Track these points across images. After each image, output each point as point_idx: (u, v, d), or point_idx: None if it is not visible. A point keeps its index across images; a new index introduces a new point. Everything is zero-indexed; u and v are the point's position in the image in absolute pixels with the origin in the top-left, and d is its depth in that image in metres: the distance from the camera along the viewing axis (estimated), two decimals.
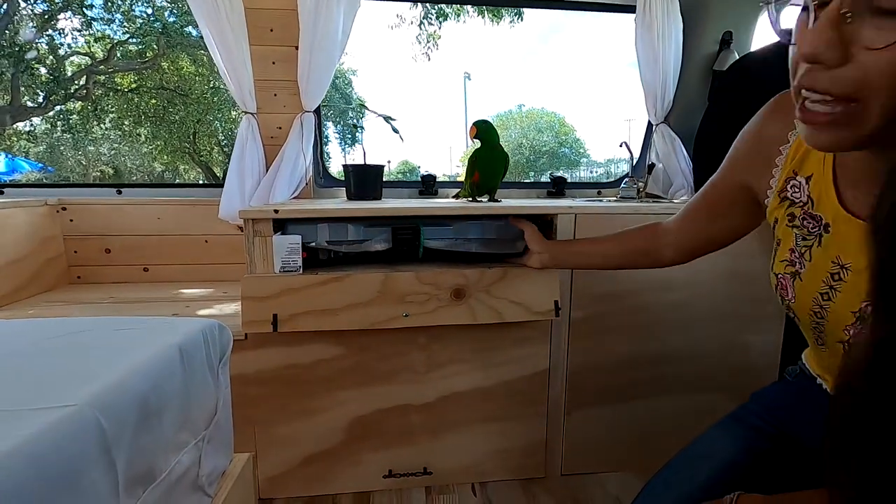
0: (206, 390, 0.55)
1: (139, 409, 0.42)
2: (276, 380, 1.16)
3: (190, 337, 0.54)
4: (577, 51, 44.58)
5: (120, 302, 1.38)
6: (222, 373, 0.61)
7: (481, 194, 1.43)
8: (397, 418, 1.21)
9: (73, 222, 1.57)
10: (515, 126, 21.69)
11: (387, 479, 1.23)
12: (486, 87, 40.10)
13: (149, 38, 9.07)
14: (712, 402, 1.31)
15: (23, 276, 1.41)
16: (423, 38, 8.82)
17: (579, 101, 39.24)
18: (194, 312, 1.27)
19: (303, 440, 1.19)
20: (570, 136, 22.17)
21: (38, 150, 11.61)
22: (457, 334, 1.19)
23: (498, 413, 1.25)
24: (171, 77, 10.06)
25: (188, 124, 10.71)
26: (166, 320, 0.59)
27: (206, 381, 0.56)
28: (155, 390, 0.45)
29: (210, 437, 0.56)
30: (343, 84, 14.01)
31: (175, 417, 0.48)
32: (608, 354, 1.27)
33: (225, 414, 0.61)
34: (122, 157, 12.69)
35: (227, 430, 0.62)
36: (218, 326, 0.61)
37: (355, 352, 1.17)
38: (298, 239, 1.13)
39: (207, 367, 0.57)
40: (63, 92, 9.56)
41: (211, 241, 1.63)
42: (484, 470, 1.27)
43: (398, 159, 22.83)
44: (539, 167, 20.22)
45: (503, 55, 45.25)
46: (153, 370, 0.46)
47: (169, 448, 0.48)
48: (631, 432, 1.31)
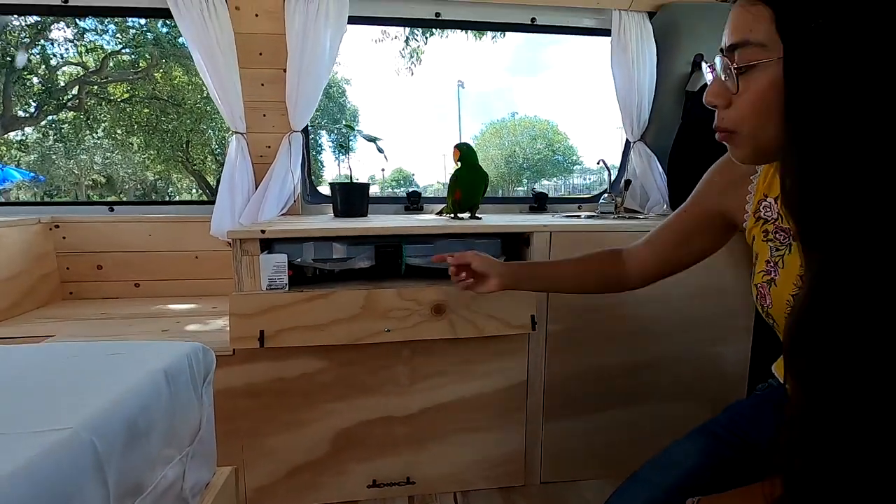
0: (190, 409, 0.60)
1: (128, 430, 0.47)
2: (264, 393, 1.20)
3: (175, 361, 0.58)
4: (567, 60, 45.01)
5: (111, 318, 1.41)
6: (206, 392, 0.65)
7: (463, 211, 1.49)
8: (381, 429, 1.26)
9: (66, 239, 1.60)
10: (509, 134, 21.85)
11: (371, 488, 1.27)
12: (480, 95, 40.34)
13: (141, 48, 9.11)
14: (685, 410, 1.36)
15: (17, 293, 1.44)
16: (406, 52, 8.93)
17: (573, 108, 39.56)
18: (183, 328, 1.31)
19: (289, 451, 1.23)
20: (563, 144, 22.35)
21: (30, 160, 11.57)
22: (439, 348, 1.24)
23: (478, 423, 1.29)
24: (163, 87, 10.09)
25: (181, 133, 10.73)
26: (154, 345, 0.63)
27: (190, 401, 0.60)
28: (143, 412, 0.49)
29: (194, 452, 0.60)
30: (337, 94, 14.11)
31: (161, 435, 0.53)
32: (584, 366, 1.32)
33: (208, 430, 0.65)
34: (115, 167, 12.67)
35: (211, 445, 0.67)
36: (202, 349, 0.65)
37: (341, 365, 1.22)
38: (284, 258, 1.18)
39: (192, 388, 0.61)
40: (55, 102, 9.56)
41: (201, 257, 1.67)
42: (465, 479, 1.32)
43: (392, 167, 22.93)
44: (532, 173, 20.35)
45: (495, 64, 45.58)
46: (141, 393, 0.50)
47: (155, 463, 0.52)
48: (607, 441, 1.36)
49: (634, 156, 1.80)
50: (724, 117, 0.54)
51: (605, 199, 1.75)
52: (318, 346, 1.18)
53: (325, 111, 13.16)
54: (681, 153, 1.64)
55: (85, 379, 0.52)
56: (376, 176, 19.82)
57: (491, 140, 21.51)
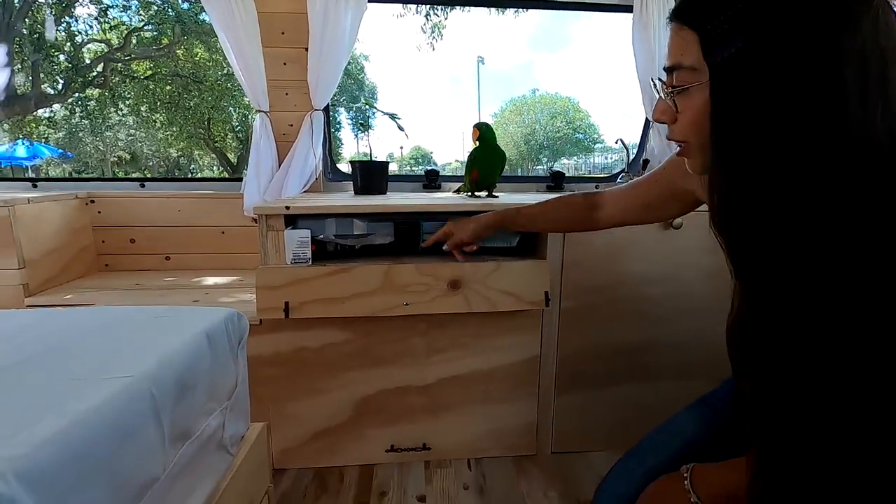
0: (228, 368, 0.66)
1: (178, 383, 0.53)
2: (289, 361, 1.27)
3: (215, 324, 0.64)
4: (591, 35, 43.68)
5: (146, 289, 1.50)
6: (240, 354, 0.71)
7: (480, 189, 1.52)
8: (399, 398, 1.32)
9: (101, 214, 1.69)
10: (529, 111, 21.51)
11: (389, 453, 1.35)
12: (500, 70, 39.55)
13: (164, 24, 9.17)
14: (691, 387, 1.36)
15: (59, 265, 1.53)
16: (427, 28, 8.81)
17: (594, 86, 38.58)
18: (215, 300, 1.38)
19: (312, 417, 1.31)
20: (585, 122, 21.92)
21: (58, 137, 11.86)
22: (455, 322, 1.29)
23: (492, 395, 1.35)
24: (185, 64, 10.17)
25: (202, 110, 10.84)
26: (195, 310, 0.69)
27: (227, 361, 0.66)
28: (190, 368, 0.55)
29: (231, 406, 0.67)
30: (356, 70, 14.03)
31: (205, 389, 0.59)
32: (596, 342, 1.35)
33: (243, 388, 0.71)
34: (139, 144, 12.93)
35: (245, 401, 0.73)
36: (237, 315, 0.71)
37: (361, 337, 1.28)
38: (308, 233, 1.23)
39: (229, 349, 0.67)
40: (81, 79, 9.73)
41: (227, 233, 1.74)
42: (479, 447, 1.38)
43: (411, 145, 22.86)
44: (552, 152, 20.07)
45: (516, 40, 44.52)
46: (188, 351, 0.56)
47: (200, 414, 0.58)
48: (616, 415, 1.40)
49: (654, 135, 1.79)
50: (673, 131, 0.57)
51: (622, 179, 1.76)
52: (340, 318, 1.24)
53: (344, 88, 13.13)
54: None
55: (139, 337, 0.58)
56: (395, 154, 19.81)
57: (511, 118, 21.20)
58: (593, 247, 1.30)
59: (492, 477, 1.32)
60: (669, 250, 1.33)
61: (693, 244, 1.33)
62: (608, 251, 1.31)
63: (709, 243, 1.33)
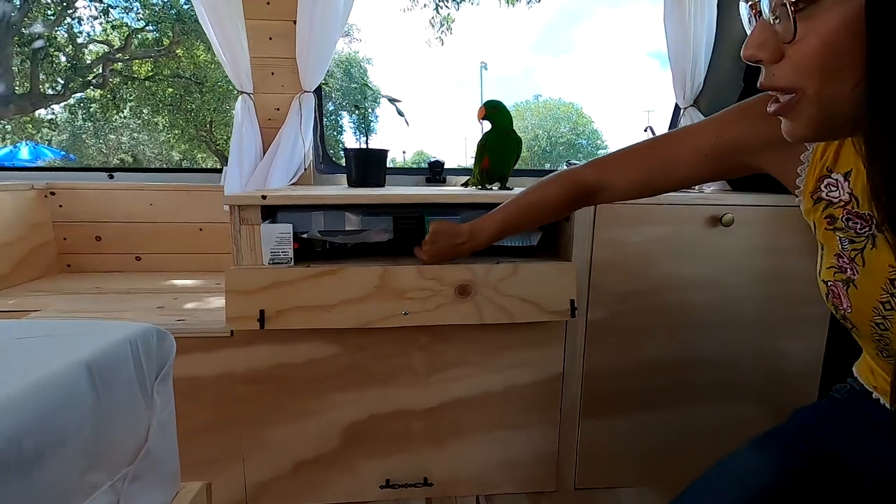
0: (131, 415, 0.44)
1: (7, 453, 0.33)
2: (266, 379, 1.07)
3: (108, 350, 0.42)
4: (594, 40, 43.74)
5: (105, 293, 1.30)
6: (160, 390, 0.50)
7: (492, 182, 1.32)
8: (396, 424, 1.12)
9: (63, 208, 1.49)
10: (532, 116, 21.45)
11: (384, 489, 1.14)
12: (503, 76, 39.62)
13: (164, 24, 9.08)
14: (743, 413, 1.19)
15: (8, 264, 1.34)
16: (436, 21, 8.65)
17: (597, 92, 38.54)
18: (181, 305, 1.19)
19: (294, 445, 1.11)
20: (588, 127, 21.84)
21: (61, 139, 11.80)
22: (462, 335, 1.08)
23: (506, 420, 1.14)
24: (186, 65, 10.09)
25: (204, 113, 10.76)
26: (84, 326, 0.48)
27: (132, 405, 0.45)
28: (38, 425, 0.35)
29: (136, 473, 0.45)
30: (359, 74, 13.93)
31: (76, 456, 0.38)
32: (629, 359, 1.15)
33: (162, 441, 0.50)
34: (142, 146, 12.84)
35: (167, 459, 0.52)
36: (156, 333, 0.50)
37: (351, 351, 1.08)
38: (289, 228, 1.04)
39: (137, 385, 0.46)
40: (80, 80, 9.65)
41: (206, 230, 1.55)
42: (490, 482, 1.17)
43: (413, 149, 22.77)
44: (554, 158, 19.95)
45: (520, 44, 44.64)
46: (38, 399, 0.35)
47: (68, 495, 0.38)
48: (651, 444, 1.20)
49: (686, 123, 1.59)
50: (776, 74, 0.40)
51: None
52: (327, 329, 1.04)
53: (347, 92, 13.01)
54: None
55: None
56: (397, 158, 19.69)
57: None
58: (627, 246, 1.10)
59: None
60: (717, 251, 1.13)
61: (745, 244, 1.13)
62: (644, 251, 1.11)
63: (764, 243, 1.13)
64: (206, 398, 1.05)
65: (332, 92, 12.57)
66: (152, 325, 0.51)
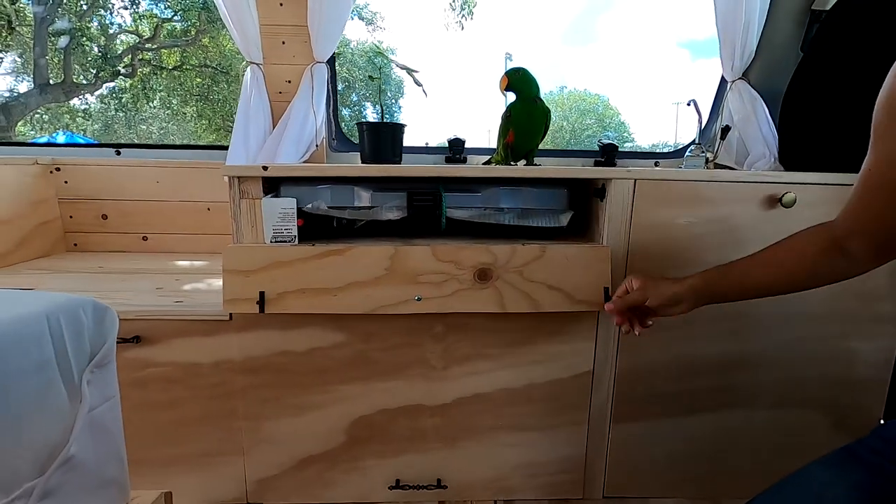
0: (41, 412, 0.35)
1: None
2: (267, 368, 0.98)
3: (9, 328, 0.33)
4: (623, 30, 42.64)
5: (107, 272, 1.23)
6: (96, 379, 0.40)
7: (517, 158, 1.20)
8: (407, 421, 1.02)
9: (68, 184, 1.44)
10: (556, 108, 21.07)
11: (393, 490, 1.05)
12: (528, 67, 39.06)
13: (191, 12, 9.15)
14: (800, 420, 1.05)
15: (11, 241, 1.29)
16: (456, 4, 8.42)
17: (625, 83, 37.60)
18: (181, 287, 1.11)
19: (297, 440, 1.02)
20: (615, 120, 21.33)
21: (95, 129, 12.09)
22: (481, 324, 0.98)
23: (528, 421, 1.03)
24: (213, 55, 10.18)
25: (230, 103, 10.86)
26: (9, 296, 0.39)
27: (43, 397, 0.35)
28: None
29: (48, 488, 0.36)
30: (383, 62, 13.84)
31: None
32: (667, 356, 1.02)
33: (94, 444, 0.39)
34: (171, 136, 13.06)
35: (102, 466, 0.42)
36: (92, 308, 0.40)
37: (359, 340, 0.98)
38: (293, 203, 0.95)
39: (56, 373, 0.37)
40: (111, 69, 9.84)
41: (214, 209, 1.47)
42: (509, 486, 1.07)
43: (436, 141, 22.66)
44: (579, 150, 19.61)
45: (545, 33, 43.88)
46: None
47: None
48: (691, 451, 1.07)
49: (733, 98, 1.44)
50: None
51: (691, 152, 1.41)
52: (332, 314, 0.94)
53: (370, 84, 12.92)
54: (801, 96, 1.27)
55: None
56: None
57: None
58: (668, 228, 0.97)
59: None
60: (773, 235, 0.97)
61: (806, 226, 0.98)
62: (688, 234, 0.98)
63: None
64: (203, 386, 0.98)
65: (356, 83, 12.57)
66: (90, 297, 0.41)
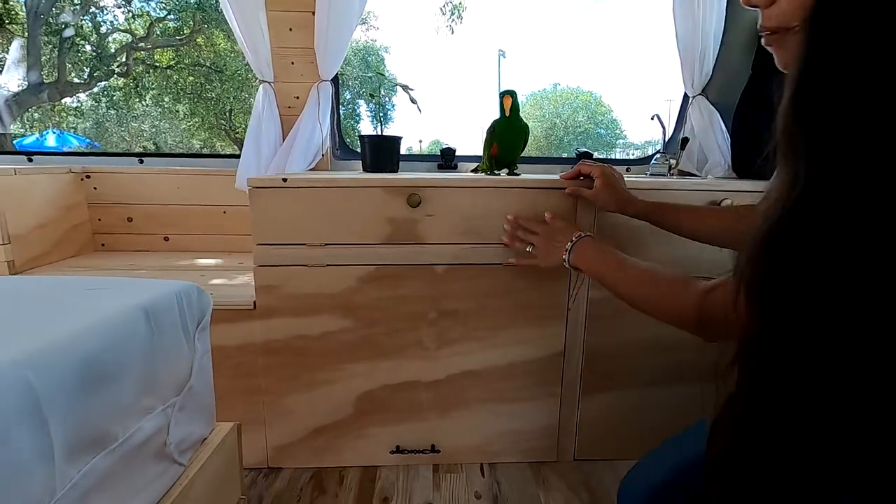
0: (178, 355, 0.53)
1: (85, 370, 0.40)
2: (285, 350, 1.15)
3: (160, 299, 0.51)
4: (615, 27, 42.78)
5: (138, 269, 1.39)
6: (200, 338, 0.58)
7: (500, 168, 1.37)
8: (405, 394, 1.19)
9: (97, 190, 1.59)
10: (549, 105, 21.16)
11: (394, 454, 1.22)
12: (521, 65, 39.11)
13: (185, 13, 9.21)
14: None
15: (47, 242, 1.44)
16: (447, 9, 8.53)
17: (617, 81, 37.80)
18: (207, 282, 1.27)
19: (311, 412, 1.19)
20: (607, 117, 21.46)
21: (86, 126, 12.07)
22: (468, 311, 1.15)
23: (509, 394, 1.21)
24: (207, 54, 10.22)
25: (224, 101, 10.89)
26: (139, 282, 0.57)
27: (178, 346, 0.53)
28: (107, 352, 0.42)
29: (182, 404, 0.54)
30: (376, 62, 13.93)
31: (137, 381, 0.46)
32: (628, 337, 1.20)
33: (202, 381, 0.58)
34: (163, 134, 13.07)
35: (206, 397, 0.60)
36: (196, 290, 0.58)
37: (364, 325, 1.15)
38: None
39: (182, 331, 0.54)
40: (105, 68, 9.86)
41: (229, 212, 1.63)
42: (493, 451, 1.24)
43: (430, 138, 22.71)
44: (571, 147, 19.72)
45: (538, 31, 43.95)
46: (107, 331, 0.43)
47: (127, 413, 0.46)
48: (649, 419, 1.25)
49: (694, 112, 1.62)
50: (770, 16, 0.49)
51: (657, 160, 1.59)
52: (341, 304, 1.11)
53: (364, 81, 13.03)
54: (749, 110, 1.45)
55: (45, 312, 0.45)
56: (413, 147, 19.69)
57: (531, 112, 20.84)
58: (628, 227, 1.14)
59: (507, 485, 1.18)
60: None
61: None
62: (645, 230, 1.15)
63: None
64: (229, 366, 1.14)
65: (350, 80, 12.65)
66: (194, 283, 0.58)
